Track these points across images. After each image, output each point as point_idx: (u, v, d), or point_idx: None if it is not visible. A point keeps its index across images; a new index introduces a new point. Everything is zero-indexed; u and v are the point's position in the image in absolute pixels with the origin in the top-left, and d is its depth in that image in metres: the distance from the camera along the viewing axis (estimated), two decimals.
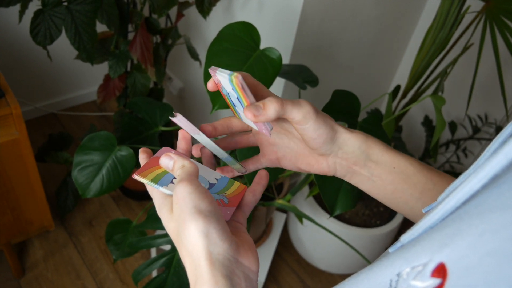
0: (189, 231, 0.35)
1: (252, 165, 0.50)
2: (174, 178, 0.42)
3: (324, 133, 0.44)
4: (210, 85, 0.46)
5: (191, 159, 0.43)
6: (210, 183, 0.46)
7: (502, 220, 0.21)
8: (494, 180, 0.25)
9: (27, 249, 1.69)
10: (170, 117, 0.45)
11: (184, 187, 0.37)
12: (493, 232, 0.21)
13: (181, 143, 0.47)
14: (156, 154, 0.46)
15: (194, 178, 0.38)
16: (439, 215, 0.28)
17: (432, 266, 0.23)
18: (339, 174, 0.48)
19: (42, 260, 1.66)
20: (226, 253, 0.35)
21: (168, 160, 0.42)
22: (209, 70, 0.46)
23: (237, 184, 0.47)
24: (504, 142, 0.27)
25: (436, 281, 0.22)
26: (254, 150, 0.82)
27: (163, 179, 0.42)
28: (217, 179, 0.47)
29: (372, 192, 0.48)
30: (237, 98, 0.45)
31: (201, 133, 0.46)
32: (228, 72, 0.43)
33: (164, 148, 0.47)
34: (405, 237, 0.31)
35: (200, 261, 0.35)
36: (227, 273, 0.35)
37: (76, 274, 1.64)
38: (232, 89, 0.44)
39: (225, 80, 0.44)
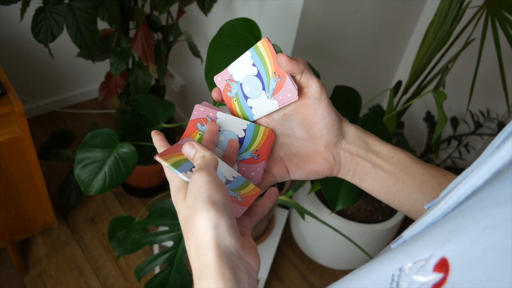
0: (200, 220, 0.35)
1: (265, 181, 0.51)
2: (194, 167, 0.43)
3: (334, 112, 0.46)
4: (215, 94, 0.49)
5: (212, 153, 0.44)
6: (227, 179, 0.46)
7: (505, 214, 0.21)
8: (497, 175, 0.25)
9: (30, 246, 1.70)
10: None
11: (201, 177, 0.37)
12: (495, 227, 0.21)
13: (206, 134, 0.48)
14: (180, 142, 0.47)
15: (212, 169, 0.39)
16: (442, 210, 0.28)
17: (434, 261, 0.23)
18: (343, 170, 0.49)
19: (45, 257, 1.67)
20: (232, 248, 0.36)
21: (190, 149, 0.43)
22: (215, 78, 0.47)
23: (252, 186, 0.48)
24: (506, 138, 0.27)
25: (438, 275, 0.22)
26: None
27: (183, 166, 0.43)
28: (234, 177, 0.47)
29: (375, 186, 0.49)
30: (258, 74, 0.46)
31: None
32: (247, 51, 0.46)
33: (188, 137, 0.49)
34: (407, 233, 0.31)
35: (207, 251, 0.35)
36: (233, 267, 0.35)
37: (79, 271, 1.65)
38: (253, 64, 0.46)
39: (243, 63, 0.46)
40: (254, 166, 0.49)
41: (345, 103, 0.91)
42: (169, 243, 1.44)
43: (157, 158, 0.42)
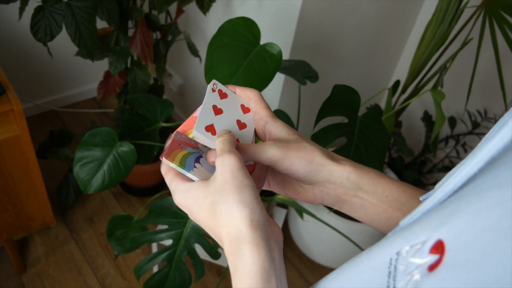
0: (234, 201, 0.37)
1: None
2: (196, 162, 0.44)
3: (299, 168, 0.43)
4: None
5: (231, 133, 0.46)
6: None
7: (498, 197, 0.22)
8: (491, 163, 0.26)
9: (28, 246, 1.69)
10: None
11: (235, 161, 0.38)
12: (489, 209, 0.22)
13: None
14: (174, 138, 0.47)
15: (238, 153, 0.40)
16: (438, 199, 0.29)
17: (430, 243, 0.24)
18: (326, 203, 0.47)
19: (43, 256, 1.67)
20: (262, 220, 0.37)
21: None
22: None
23: None
24: (500, 127, 0.28)
25: (434, 257, 0.23)
26: None
27: (188, 162, 0.43)
28: None
29: (365, 220, 0.47)
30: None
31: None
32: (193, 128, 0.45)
33: (177, 132, 0.48)
34: (404, 222, 0.32)
35: (242, 227, 0.36)
36: (266, 237, 0.36)
37: (78, 270, 1.65)
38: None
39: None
40: None
41: (343, 102, 0.92)
42: (168, 242, 1.44)
43: (164, 160, 0.42)
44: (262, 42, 0.92)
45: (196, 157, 0.45)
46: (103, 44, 1.48)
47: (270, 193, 1.43)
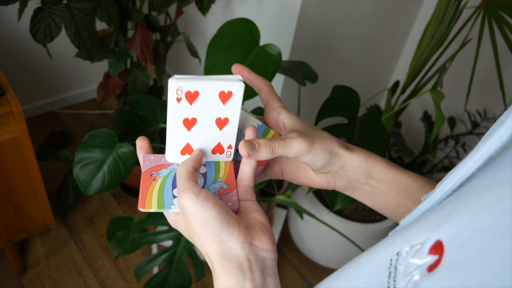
0: (203, 240, 0.38)
1: (257, 178, 0.50)
2: (175, 187, 0.44)
3: (320, 159, 0.44)
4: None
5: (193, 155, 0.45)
6: (201, 174, 0.46)
7: (496, 197, 0.22)
8: (489, 162, 0.26)
9: (28, 247, 1.69)
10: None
11: (187, 200, 0.38)
12: (487, 209, 0.22)
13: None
14: (144, 169, 0.46)
15: (191, 184, 0.39)
16: (437, 198, 0.29)
17: (430, 243, 0.24)
18: (339, 189, 0.48)
19: (43, 258, 1.67)
20: (236, 243, 0.37)
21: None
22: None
23: (223, 163, 0.47)
24: (498, 126, 0.28)
25: (434, 257, 0.23)
26: None
27: (166, 196, 0.43)
28: (206, 168, 0.46)
29: (374, 206, 0.48)
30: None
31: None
32: None
33: (144, 156, 0.47)
34: (404, 221, 0.32)
35: (213, 261, 0.38)
36: (237, 262, 0.37)
37: (78, 271, 1.65)
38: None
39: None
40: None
41: (343, 102, 0.92)
42: (168, 243, 1.44)
43: (142, 210, 0.43)
44: (261, 42, 0.92)
45: (173, 178, 0.44)
46: (103, 45, 1.47)
47: (270, 194, 1.43)
